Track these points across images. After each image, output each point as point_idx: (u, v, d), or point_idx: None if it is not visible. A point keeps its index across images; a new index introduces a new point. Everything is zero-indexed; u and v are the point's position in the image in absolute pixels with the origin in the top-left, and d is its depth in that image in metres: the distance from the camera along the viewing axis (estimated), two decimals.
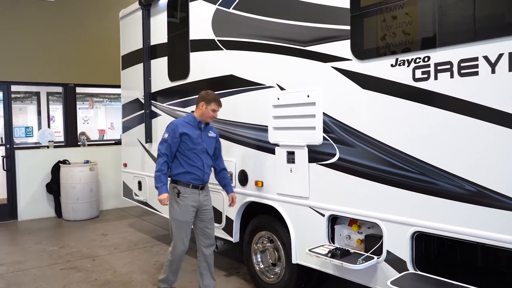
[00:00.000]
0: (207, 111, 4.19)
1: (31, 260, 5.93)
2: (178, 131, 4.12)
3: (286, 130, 4.05)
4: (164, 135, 4.16)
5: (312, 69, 3.78)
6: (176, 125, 4.17)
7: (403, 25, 3.12)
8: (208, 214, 4.33)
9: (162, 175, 4.10)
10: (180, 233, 4.18)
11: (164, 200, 4.06)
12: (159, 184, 4.08)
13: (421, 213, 3.03)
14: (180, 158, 4.17)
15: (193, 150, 4.16)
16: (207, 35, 5.01)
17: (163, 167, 4.11)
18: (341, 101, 3.55)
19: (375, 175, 3.30)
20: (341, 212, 3.60)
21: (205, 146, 4.23)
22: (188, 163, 4.15)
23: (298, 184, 3.94)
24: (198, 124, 4.23)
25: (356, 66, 3.41)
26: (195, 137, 4.16)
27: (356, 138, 3.43)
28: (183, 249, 4.22)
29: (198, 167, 4.18)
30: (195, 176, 4.18)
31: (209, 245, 4.37)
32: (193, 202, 4.18)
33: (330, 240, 3.74)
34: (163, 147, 4.12)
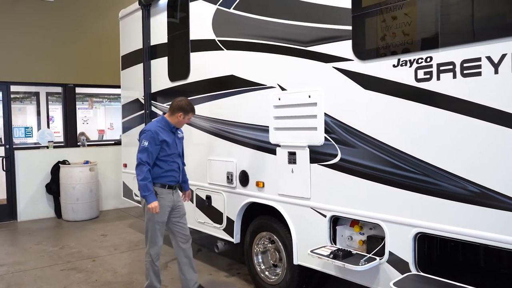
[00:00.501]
0: (184, 120, 4.35)
1: (32, 260, 5.92)
2: (159, 139, 4.18)
3: (287, 130, 4.03)
4: (144, 143, 4.15)
5: (314, 70, 3.77)
6: (155, 133, 4.19)
7: (405, 25, 3.11)
8: (181, 210, 4.47)
9: (148, 183, 4.12)
10: (157, 233, 4.30)
11: (155, 208, 4.09)
12: (147, 192, 4.10)
13: (424, 214, 3.02)
14: (159, 163, 4.24)
15: (170, 156, 4.29)
16: (207, 35, 4.99)
17: (148, 175, 4.13)
18: (343, 102, 3.53)
19: (377, 176, 3.28)
20: (343, 213, 3.58)
21: (178, 149, 4.41)
22: (165, 167, 4.27)
23: (300, 185, 3.93)
24: (172, 129, 4.35)
25: (357, 67, 3.40)
26: (171, 142, 4.29)
27: (357, 139, 3.42)
28: (159, 246, 4.37)
29: (175, 169, 4.35)
30: (173, 178, 4.34)
31: (186, 239, 4.48)
32: (168, 202, 4.30)
33: (332, 241, 3.73)
34: (144, 155, 4.13)
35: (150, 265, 4.35)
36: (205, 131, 5.12)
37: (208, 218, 5.14)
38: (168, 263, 5.70)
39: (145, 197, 4.11)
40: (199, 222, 5.28)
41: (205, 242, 6.49)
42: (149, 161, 4.13)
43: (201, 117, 5.14)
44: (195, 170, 5.33)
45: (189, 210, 5.38)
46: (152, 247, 4.33)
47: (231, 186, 4.75)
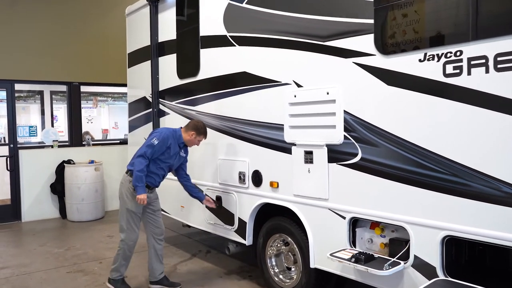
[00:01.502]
0: (195, 141, 4.61)
1: (37, 262, 5.78)
2: (167, 144, 4.46)
3: (304, 129, 3.88)
4: (154, 141, 4.42)
5: (332, 65, 3.62)
6: (168, 137, 4.48)
7: (432, 17, 2.96)
8: (156, 206, 4.74)
9: (144, 175, 4.37)
10: (133, 222, 4.53)
11: (143, 200, 4.35)
12: (140, 184, 4.35)
13: (453, 216, 2.86)
14: (151, 162, 4.46)
15: (164, 163, 4.53)
16: (218, 31, 4.84)
17: (146, 169, 4.39)
18: (364, 98, 3.38)
19: (401, 176, 3.13)
20: (364, 214, 3.43)
21: (174, 163, 4.61)
22: (154, 170, 4.50)
23: (317, 185, 3.78)
24: (180, 144, 4.59)
25: (380, 62, 3.25)
26: (172, 154, 4.53)
27: (380, 137, 3.26)
28: (136, 236, 4.57)
29: (159, 175, 4.59)
30: (154, 180, 4.56)
31: (159, 233, 4.74)
32: None
33: (352, 244, 3.58)
34: (149, 151, 4.39)
35: (123, 251, 4.55)
36: (216, 129, 4.97)
37: (219, 219, 4.99)
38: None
39: (136, 187, 4.35)
40: (209, 223, 5.13)
41: (214, 244, 6.35)
42: (150, 157, 4.39)
43: (212, 115, 4.99)
44: (205, 170, 5.19)
45: (199, 210, 5.26)
46: (131, 234, 4.53)
47: (243, 186, 4.60)
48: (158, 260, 4.74)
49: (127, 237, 4.53)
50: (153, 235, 4.71)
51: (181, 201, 5.63)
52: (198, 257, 5.83)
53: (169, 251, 6.15)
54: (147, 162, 4.38)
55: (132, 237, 4.54)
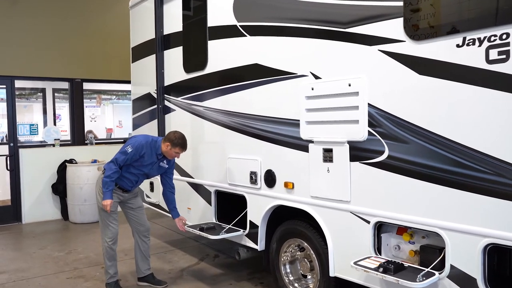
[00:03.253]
0: (171, 152, 4.42)
1: (36, 267, 5.48)
2: (141, 153, 4.37)
3: (322, 124, 3.55)
4: (128, 148, 4.36)
5: (355, 54, 3.29)
6: (142, 146, 4.39)
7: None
8: (135, 202, 4.70)
9: (110, 181, 4.32)
10: (109, 219, 4.48)
11: (107, 206, 4.29)
12: (107, 189, 4.30)
13: (496, 222, 2.52)
14: (124, 166, 4.41)
15: (137, 170, 4.46)
16: (227, 20, 4.52)
17: (114, 175, 4.33)
18: (391, 90, 3.05)
19: (436, 176, 2.80)
20: (391, 218, 3.09)
21: (149, 172, 4.54)
22: (126, 175, 4.45)
23: (337, 186, 3.45)
24: (158, 155, 4.47)
25: (410, 49, 2.91)
26: (147, 163, 4.44)
27: (410, 133, 2.93)
28: (116, 230, 4.54)
29: (132, 181, 4.52)
30: (125, 184, 4.51)
31: (143, 231, 4.72)
32: (117, 198, 4.51)
33: (377, 251, 3.24)
34: (122, 158, 4.34)
35: (105, 250, 4.52)
36: (224, 126, 4.65)
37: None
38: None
39: (104, 193, 4.31)
40: None
41: (222, 247, 6.03)
42: (121, 164, 4.34)
43: (220, 111, 4.67)
44: (213, 169, 4.87)
45: (207, 213, 4.94)
46: (107, 231, 4.50)
47: (255, 187, 4.27)
48: (143, 257, 4.73)
49: (104, 234, 4.53)
50: (137, 233, 4.71)
51: (188, 202, 5.32)
52: (206, 262, 5.51)
53: (175, 255, 5.84)
54: (117, 168, 4.33)
55: (108, 234, 4.50)
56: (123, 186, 4.51)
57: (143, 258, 4.74)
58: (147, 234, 4.76)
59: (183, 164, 5.33)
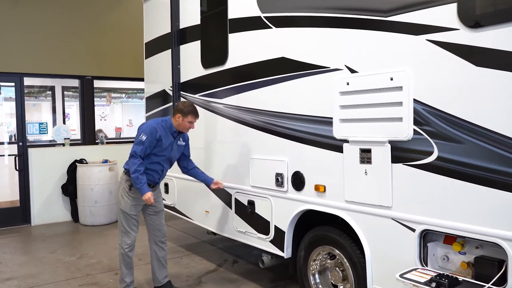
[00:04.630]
0: (184, 123, 4.18)
1: (46, 272, 5.22)
2: (157, 135, 4.12)
3: (359, 122, 3.25)
4: (142, 137, 4.10)
5: (397, 45, 2.98)
6: (155, 128, 4.14)
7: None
8: (158, 207, 4.40)
9: (140, 175, 4.06)
10: (131, 223, 4.23)
11: (150, 199, 4.04)
12: (139, 184, 4.05)
13: None
14: (144, 158, 4.14)
15: (159, 157, 4.20)
16: (250, 12, 4.23)
17: (140, 167, 4.07)
18: (442, 84, 2.74)
19: (496, 180, 2.49)
20: (441, 227, 2.78)
21: (171, 154, 4.29)
22: (149, 166, 4.17)
23: (377, 190, 3.14)
24: (173, 133, 4.24)
25: (465, 37, 2.60)
26: (167, 145, 4.20)
27: (465, 132, 2.62)
28: (134, 236, 4.28)
29: (158, 171, 4.26)
30: (152, 177, 4.24)
31: (161, 236, 4.44)
32: (141, 200, 4.17)
33: (423, 262, 2.94)
34: (139, 148, 4.08)
35: (122, 256, 4.26)
36: (246, 124, 4.36)
37: (251, 227, 4.38)
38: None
39: (139, 189, 4.06)
40: (239, 231, 4.52)
41: (240, 252, 5.75)
42: (142, 154, 4.09)
43: (242, 109, 4.38)
44: (234, 170, 4.59)
45: (227, 216, 4.67)
46: (126, 237, 4.24)
47: (281, 190, 3.98)
48: (161, 265, 4.46)
49: (121, 240, 4.26)
50: (154, 239, 4.44)
51: (206, 205, 5.04)
52: (225, 268, 5.23)
53: (192, 260, 5.56)
54: (140, 160, 4.07)
55: (127, 241, 4.24)
56: (150, 180, 4.22)
57: (161, 266, 4.45)
58: (164, 240, 4.47)
59: (200, 164, 5.05)
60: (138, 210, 4.27)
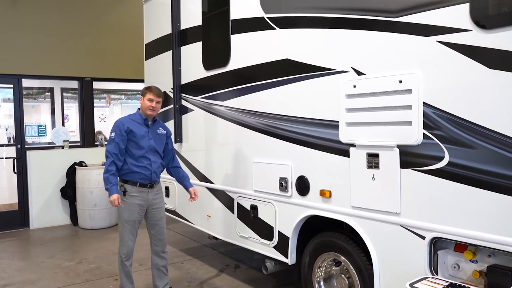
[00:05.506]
0: (144, 103, 4.10)
1: (44, 278, 5.12)
2: (124, 128, 4.02)
3: (366, 126, 3.16)
4: (111, 135, 4.05)
5: (406, 47, 2.89)
6: (121, 122, 4.06)
7: None
8: (158, 213, 4.24)
9: (110, 176, 3.94)
10: (127, 231, 4.07)
11: (115, 201, 3.90)
12: (108, 185, 3.93)
13: None
14: (127, 157, 4.05)
15: (140, 149, 4.06)
16: (253, 12, 4.14)
17: (111, 167, 3.96)
18: (453, 87, 2.65)
19: (510, 187, 2.40)
20: (452, 234, 2.69)
21: (153, 144, 4.13)
22: (134, 163, 4.04)
23: (384, 196, 3.05)
24: (144, 121, 4.14)
25: (478, 39, 2.51)
26: (141, 134, 4.07)
27: (477, 136, 2.53)
28: (131, 246, 4.11)
29: (145, 166, 4.07)
30: (143, 175, 4.07)
31: (161, 245, 4.29)
32: (140, 201, 4.07)
33: (433, 270, 2.85)
34: (111, 146, 4.01)
35: (120, 265, 4.15)
36: (249, 127, 4.27)
37: (254, 233, 4.29)
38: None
39: (107, 190, 3.93)
40: (242, 236, 4.43)
41: (242, 257, 5.65)
42: (115, 151, 3.98)
43: (245, 112, 4.30)
44: (236, 174, 4.50)
45: (229, 221, 4.57)
46: (122, 246, 4.10)
47: (285, 194, 3.89)
48: (161, 273, 4.32)
49: (119, 248, 4.14)
50: (155, 248, 4.29)
51: (208, 209, 4.95)
52: (227, 273, 5.14)
53: (193, 265, 5.46)
54: (112, 158, 3.96)
55: (122, 250, 4.10)
56: (142, 180, 4.06)
57: (161, 274, 4.32)
58: (165, 249, 4.33)
59: (201, 168, 4.96)
60: (134, 217, 4.07)
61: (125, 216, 4.04)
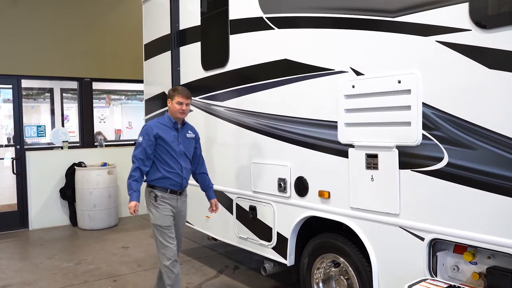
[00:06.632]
0: (173, 106, 3.91)
1: (43, 279, 5.11)
2: (153, 133, 3.85)
3: (365, 126, 3.14)
4: (139, 139, 3.90)
5: (405, 47, 2.87)
6: (150, 127, 3.90)
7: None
8: (181, 220, 4.08)
9: (132, 181, 3.81)
10: (165, 236, 3.85)
11: (131, 208, 3.76)
12: (129, 191, 3.81)
13: None
14: (157, 162, 3.89)
15: (170, 154, 3.89)
16: (252, 12, 4.13)
17: (134, 172, 3.83)
18: (452, 87, 2.63)
19: (509, 188, 2.38)
20: (451, 236, 2.67)
21: (182, 149, 3.96)
22: (165, 168, 3.87)
23: (383, 197, 3.03)
24: (174, 125, 3.95)
25: (478, 39, 2.49)
26: (171, 139, 3.89)
27: (476, 137, 2.51)
28: (174, 249, 3.85)
29: (176, 172, 3.89)
30: (173, 181, 3.89)
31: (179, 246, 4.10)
32: (171, 207, 3.91)
33: (432, 272, 2.83)
34: (138, 151, 3.86)
35: (165, 272, 3.83)
36: (248, 128, 4.25)
37: (253, 234, 4.27)
38: None
39: (129, 196, 3.79)
40: (241, 237, 4.41)
41: (242, 257, 5.63)
42: (141, 157, 3.82)
43: (244, 112, 4.28)
44: (235, 175, 4.48)
45: (228, 222, 4.56)
46: (164, 251, 3.84)
47: (283, 195, 3.87)
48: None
49: (161, 255, 3.84)
50: None
51: (206, 210, 4.91)
52: (226, 275, 5.12)
53: (192, 266, 5.44)
54: (137, 164, 3.82)
55: (166, 255, 3.81)
56: (172, 186, 3.88)
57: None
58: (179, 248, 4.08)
59: None
60: (171, 220, 3.88)
61: (160, 222, 3.84)
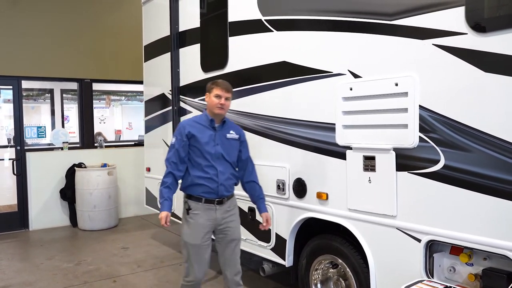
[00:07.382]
0: (211, 100, 3.41)
1: (43, 280, 5.13)
2: (185, 132, 3.37)
3: (363, 129, 3.17)
4: (172, 140, 3.45)
5: (403, 50, 2.90)
6: (183, 126, 3.44)
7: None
8: (229, 234, 3.46)
9: (164, 188, 3.37)
10: (191, 258, 3.38)
11: (162, 219, 3.28)
12: (161, 199, 3.37)
13: None
14: (189, 166, 3.40)
15: (204, 157, 3.36)
16: (251, 14, 4.15)
17: (166, 178, 3.37)
18: (449, 90, 2.65)
19: (505, 190, 2.40)
20: (448, 237, 2.70)
21: (219, 150, 3.40)
22: (198, 173, 3.36)
23: (381, 199, 3.06)
24: (210, 123, 3.43)
25: (474, 42, 2.52)
26: (205, 139, 3.37)
27: (473, 140, 2.53)
28: (198, 277, 3.41)
29: (211, 177, 3.35)
30: (208, 188, 3.35)
31: (235, 273, 3.51)
32: (206, 220, 3.36)
33: (428, 273, 2.85)
34: (170, 154, 3.40)
35: (183, 283, 3.51)
36: (246, 129, 4.23)
37: (251, 235, 4.29)
38: None
39: (160, 204, 3.36)
40: None
41: (241, 259, 5.61)
42: (174, 160, 3.36)
43: (243, 114, 4.30)
44: None
45: None
46: (187, 271, 3.44)
47: (282, 197, 3.90)
48: None
49: (184, 272, 3.46)
50: (227, 275, 3.49)
51: None
52: None
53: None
54: (170, 169, 3.37)
55: (187, 275, 3.43)
56: (207, 194, 3.35)
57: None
58: (239, 279, 3.52)
59: None
60: (198, 241, 3.34)
61: (189, 239, 3.36)
